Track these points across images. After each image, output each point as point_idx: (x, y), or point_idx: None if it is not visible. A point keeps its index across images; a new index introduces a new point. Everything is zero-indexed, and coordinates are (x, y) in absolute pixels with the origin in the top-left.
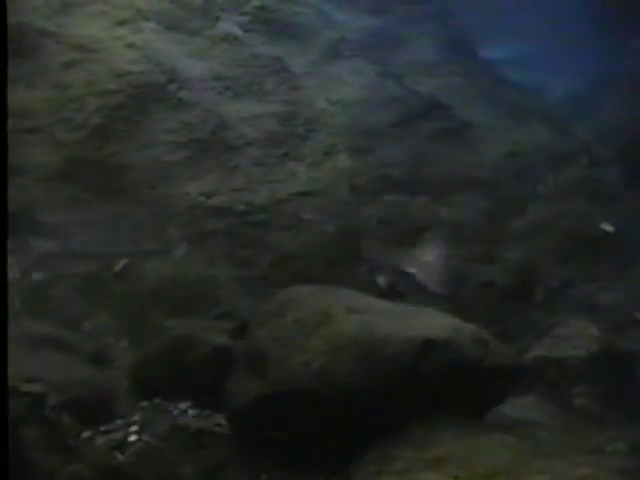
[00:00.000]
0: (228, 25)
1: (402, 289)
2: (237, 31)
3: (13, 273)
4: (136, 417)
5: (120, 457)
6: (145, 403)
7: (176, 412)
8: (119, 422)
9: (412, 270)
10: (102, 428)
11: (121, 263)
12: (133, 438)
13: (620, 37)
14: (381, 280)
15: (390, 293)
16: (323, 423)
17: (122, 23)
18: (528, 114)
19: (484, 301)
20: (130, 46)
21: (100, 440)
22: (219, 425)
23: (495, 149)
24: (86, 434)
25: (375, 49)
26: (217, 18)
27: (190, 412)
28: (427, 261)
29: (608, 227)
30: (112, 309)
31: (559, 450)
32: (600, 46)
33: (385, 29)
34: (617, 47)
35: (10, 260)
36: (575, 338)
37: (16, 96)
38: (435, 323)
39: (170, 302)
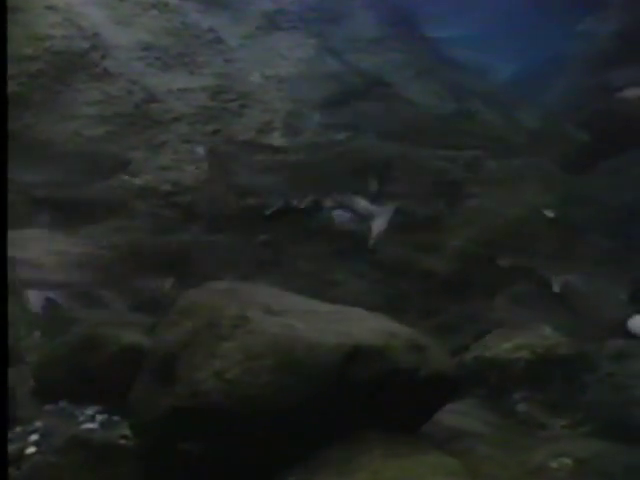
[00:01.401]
0: None
1: None
2: None
3: None
4: (38, 424)
5: (15, 472)
6: (50, 407)
7: (82, 418)
8: (19, 430)
9: None
10: None
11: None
12: (31, 450)
13: (567, 19)
14: None
15: None
16: (238, 441)
17: None
18: (472, 96)
19: (423, 291)
20: (51, 8)
21: None
22: (125, 437)
23: None
24: None
25: (314, 22)
26: None
27: (98, 418)
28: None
29: (550, 213)
30: (24, 297)
31: (500, 469)
32: (547, 28)
33: (325, 2)
34: (564, 29)
35: None
36: (519, 337)
37: None
38: (366, 327)
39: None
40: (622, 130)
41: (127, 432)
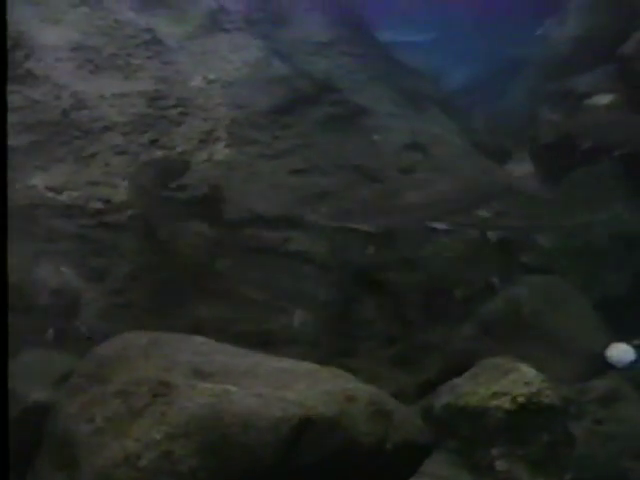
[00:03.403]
0: None
1: None
2: None
3: None
4: None
5: None
6: None
7: None
8: None
9: None
10: None
11: None
12: None
13: (525, 23)
14: None
15: None
16: None
17: None
18: (427, 101)
19: (382, 317)
20: None
21: None
22: None
23: (394, 139)
24: None
25: (260, 23)
26: None
27: None
28: None
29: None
30: None
31: None
32: (504, 32)
33: (272, 1)
34: (522, 33)
35: None
36: (496, 382)
37: None
38: (318, 390)
39: None
40: (591, 138)
41: None
